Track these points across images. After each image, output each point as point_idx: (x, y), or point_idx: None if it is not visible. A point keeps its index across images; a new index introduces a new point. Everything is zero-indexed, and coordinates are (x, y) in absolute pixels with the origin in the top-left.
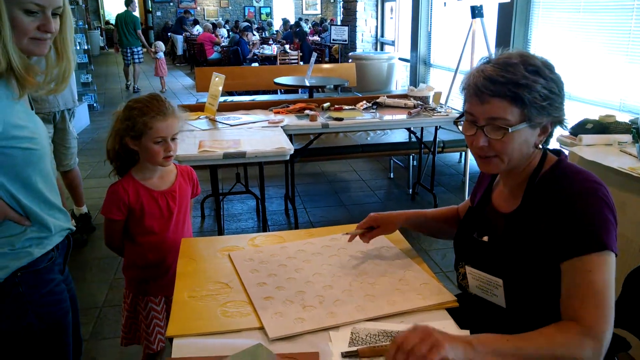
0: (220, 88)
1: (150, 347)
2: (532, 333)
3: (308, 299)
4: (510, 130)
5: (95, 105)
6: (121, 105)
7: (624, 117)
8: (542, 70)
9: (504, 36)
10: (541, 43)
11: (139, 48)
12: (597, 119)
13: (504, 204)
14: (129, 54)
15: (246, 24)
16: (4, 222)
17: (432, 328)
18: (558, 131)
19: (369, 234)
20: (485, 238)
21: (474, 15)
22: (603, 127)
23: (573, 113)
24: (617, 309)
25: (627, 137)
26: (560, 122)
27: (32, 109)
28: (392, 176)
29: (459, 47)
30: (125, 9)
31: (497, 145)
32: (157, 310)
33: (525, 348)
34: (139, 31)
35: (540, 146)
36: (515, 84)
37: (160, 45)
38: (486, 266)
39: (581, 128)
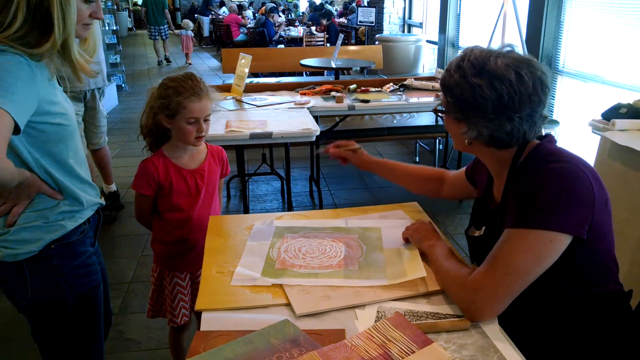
0: (247, 69)
1: (174, 320)
2: (459, 264)
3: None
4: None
5: (123, 85)
6: (157, 82)
7: None
8: (466, 72)
9: (536, 18)
10: (574, 25)
11: (165, 26)
12: (631, 103)
13: (498, 195)
14: (155, 31)
15: (272, 5)
16: (38, 196)
17: (428, 226)
18: (591, 116)
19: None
20: (482, 230)
21: None
22: (637, 111)
23: (606, 97)
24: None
25: None
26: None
27: (61, 86)
28: (417, 160)
29: (489, 30)
30: None
31: None
32: (182, 286)
33: (441, 263)
34: (167, 10)
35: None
36: (441, 78)
37: (188, 23)
38: (481, 260)
39: (614, 112)
